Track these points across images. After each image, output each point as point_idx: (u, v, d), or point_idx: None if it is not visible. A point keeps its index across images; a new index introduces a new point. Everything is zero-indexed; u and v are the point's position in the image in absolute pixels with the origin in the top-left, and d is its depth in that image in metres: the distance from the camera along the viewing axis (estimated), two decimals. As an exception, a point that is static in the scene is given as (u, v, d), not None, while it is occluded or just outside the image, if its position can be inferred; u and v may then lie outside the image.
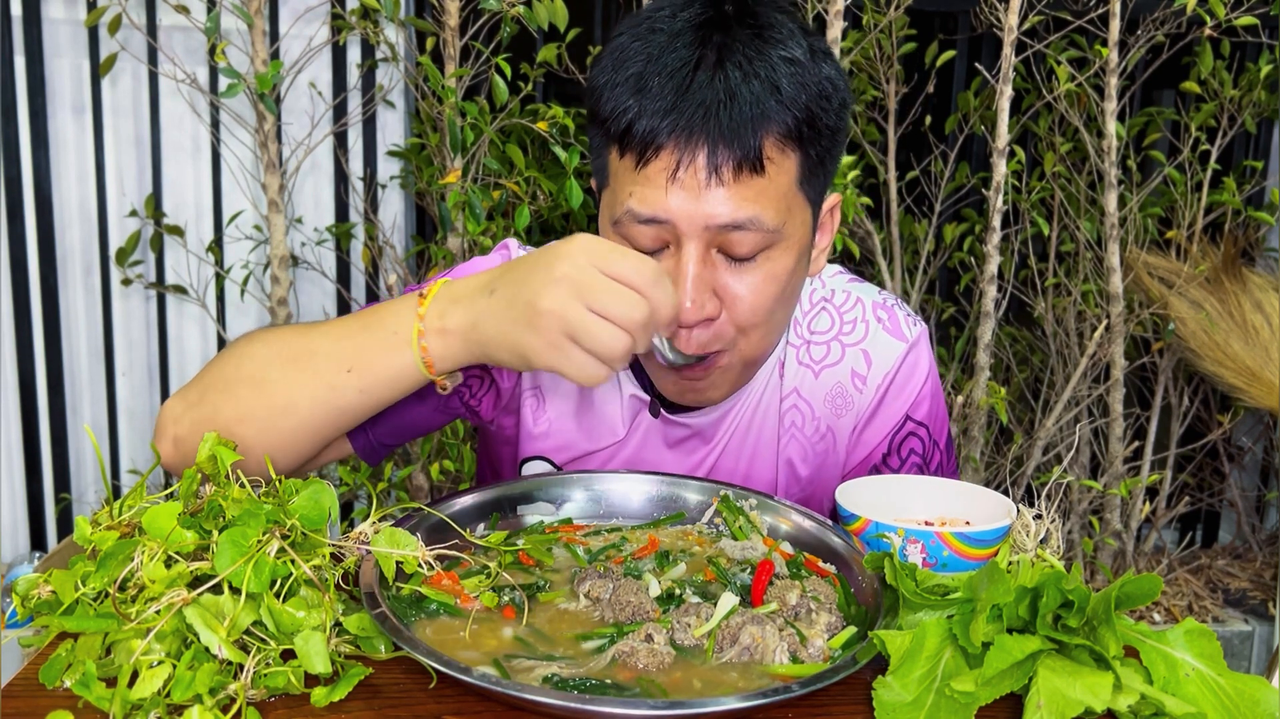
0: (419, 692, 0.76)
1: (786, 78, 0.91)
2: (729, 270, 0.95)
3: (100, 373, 2.52)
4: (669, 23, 0.94)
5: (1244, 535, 2.99)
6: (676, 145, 0.90)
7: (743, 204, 0.91)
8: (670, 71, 0.90)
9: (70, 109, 2.42)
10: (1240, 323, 2.45)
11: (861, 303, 1.16)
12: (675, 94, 0.89)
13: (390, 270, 2.40)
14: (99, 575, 0.78)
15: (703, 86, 0.89)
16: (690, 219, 0.91)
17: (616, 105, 0.92)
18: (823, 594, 0.87)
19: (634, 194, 0.92)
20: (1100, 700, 0.69)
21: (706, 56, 0.91)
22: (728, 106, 0.89)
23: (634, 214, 0.93)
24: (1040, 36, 2.35)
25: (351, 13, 2.26)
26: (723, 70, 0.90)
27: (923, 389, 1.15)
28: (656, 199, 0.91)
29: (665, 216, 0.92)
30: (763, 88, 0.90)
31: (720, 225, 0.92)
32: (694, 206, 0.91)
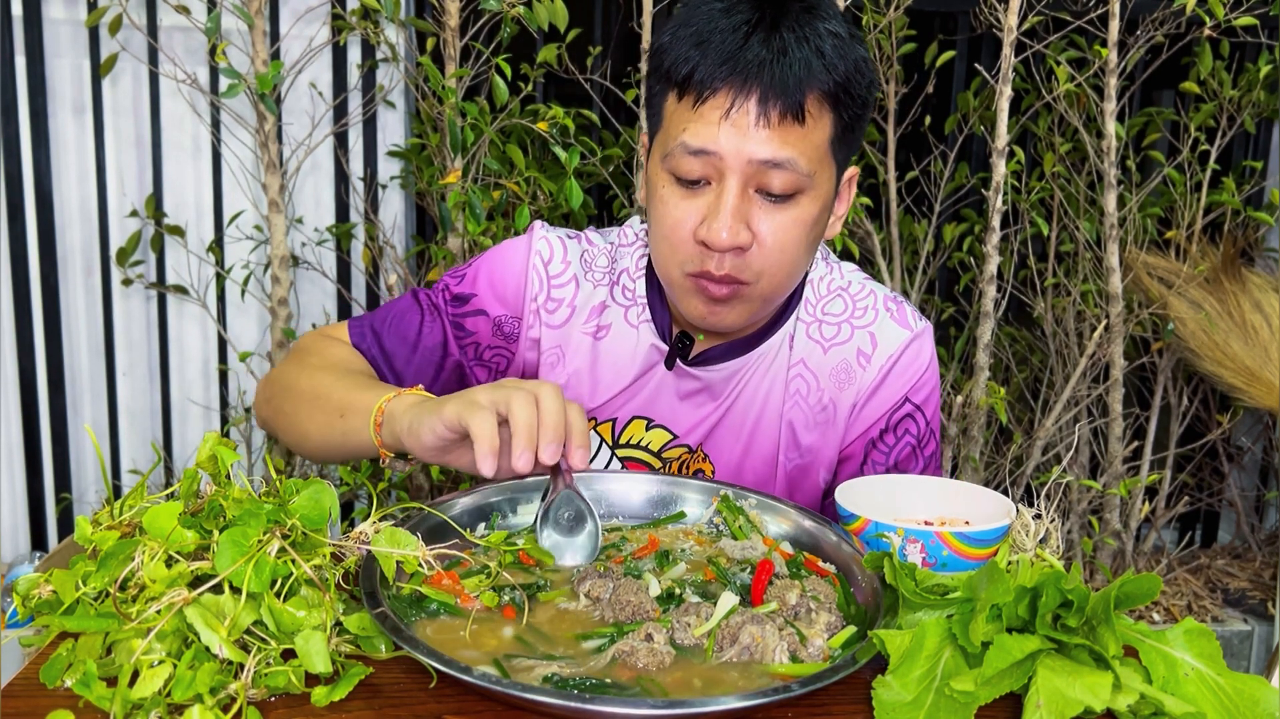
0: (419, 691, 0.76)
1: (830, 46, 1.04)
2: (762, 209, 1.07)
3: (101, 372, 2.52)
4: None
5: (1243, 535, 2.99)
6: (731, 89, 1.02)
7: (783, 146, 1.03)
8: (730, 29, 1.03)
9: (71, 109, 2.42)
10: (1240, 323, 2.45)
11: (874, 294, 1.27)
12: (735, 47, 1.02)
13: (390, 270, 2.40)
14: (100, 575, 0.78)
15: (758, 44, 1.02)
16: (737, 153, 1.03)
17: (679, 55, 1.05)
18: (822, 594, 0.88)
19: (688, 129, 1.05)
20: (1100, 700, 0.70)
21: (763, 20, 1.04)
22: (780, 61, 1.02)
23: (686, 145, 1.05)
24: (1040, 37, 2.35)
25: (352, 13, 2.26)
26: (777, 32, 1.03)
27: (924, 376, 1.25)
28: (709, 133, 1.04)
29: (714, 149, 1.04)
30: (810, 51, 1.03)
31: (761, 161, 1.04)
32: (740, 143, 1.03)
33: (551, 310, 1.24)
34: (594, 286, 1.24)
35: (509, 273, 1.25)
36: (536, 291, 1.24)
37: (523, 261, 1.24)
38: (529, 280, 1.24)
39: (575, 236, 1.27)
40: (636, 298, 1.24)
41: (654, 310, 1.23)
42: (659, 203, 1.10)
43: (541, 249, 1.24)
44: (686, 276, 1.11)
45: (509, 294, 1.24)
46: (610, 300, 1.25)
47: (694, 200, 1.07)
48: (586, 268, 1.25)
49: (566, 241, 1.26)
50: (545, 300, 1.24)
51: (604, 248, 1.27)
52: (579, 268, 1.25)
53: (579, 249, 1.26)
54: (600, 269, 1.25)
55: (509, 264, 1.25)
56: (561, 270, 1.24)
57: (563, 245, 1.25)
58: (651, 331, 1.23)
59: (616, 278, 1.25)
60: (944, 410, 2.44)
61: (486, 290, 1.25)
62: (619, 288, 1.25)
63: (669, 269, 1.13)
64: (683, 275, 1.11)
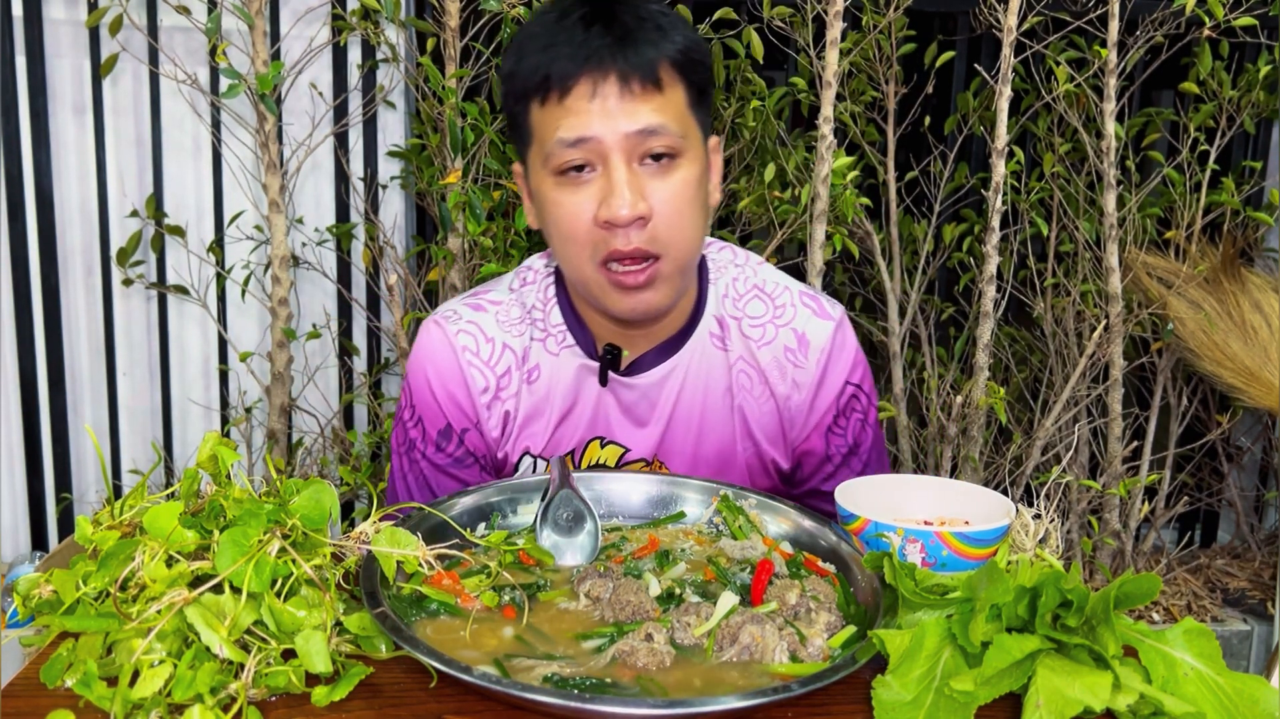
0: (419, 691, 0.76)
1: (665, 22, 1.12)
2: (650, 179, 1.11)
3: (101, 373, 2.52)
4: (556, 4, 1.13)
5: (1243, 535, 2.99)
6: (589, 75, 1.08)
7: (652, 113, 1.09)
8: (571, 27, 1.09)
9: (71, 109, 2.42)
10: (1239, 323, 2.45)
11: (789, 290, 1.30)
12: (580, 39, 1.08)
13: (391, 270, 2.40)
14: (100, 575, 0.78)
15: (601, 31, 1.08)
16: (613, 130, 1.08)
17: (531, 67, 1.10)
18: (822, 594, 0.88)
19: (561, 125, 1.09)
20: (1099, 700, 0.70)
21: (598, 13, 1.10)
22: (626, 39, 1.08)
23: (563, 140, 1.09)
24: (1039, 37, 2.35)
25: (352, 13, 2.26)
26: (616, 18, 1.09)
27: (855, 357, 1.30)
28: (581, 122, 1.08)
29: (589, 134, 1.08)
30: (650, 26, 1.10)
31: (636, 132, 1.08)
32: (612, 122, 1.08)
33: (504, 387, 1.25)
34: (518, 338, 1.26)
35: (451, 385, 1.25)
36: (483, 386, 1.25)
37: (455, 368, 1.24)
38: (470, 380, 1.24)
39: (479, 307, 1.27)
40: (551, 327, 1.26)
41: (574, 333, 1.25)
42: (552, 206, 1.13)
43: (466, 344, 1.24)
44: (599, 269, 1.13)
45: (465, 406, 1.25)
46: (532, 341, 1.26)
47: (584, 190, 1.11)
48: (506, 328, 1.26)
49: (477, 318, 1.26)
50: (494, 387, 1.25)
51: (509, 299, 1.28)
52: (500, 332, 1.25)
53: (491, 316, 1.27)
54: (515, 319, 1.27)
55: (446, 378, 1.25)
56: (490, 350, 1.25)
57: (477, 328, 1.25)
58: (576, 354, 1.25)
59: (530, 318, 1.26)
60: (944, 410, 2.44)
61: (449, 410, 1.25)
62: (534, 326, 1.26)
63: (581, 267, 1.15)
64: (595, 269, 1.13)
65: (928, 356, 2.66)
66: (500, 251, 2.21)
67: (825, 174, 2.18)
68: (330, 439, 2.47)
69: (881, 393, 2.71)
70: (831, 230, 2.26)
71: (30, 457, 2.50)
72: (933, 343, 2.68)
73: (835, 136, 2.20)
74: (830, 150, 2.18)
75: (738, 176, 2.45)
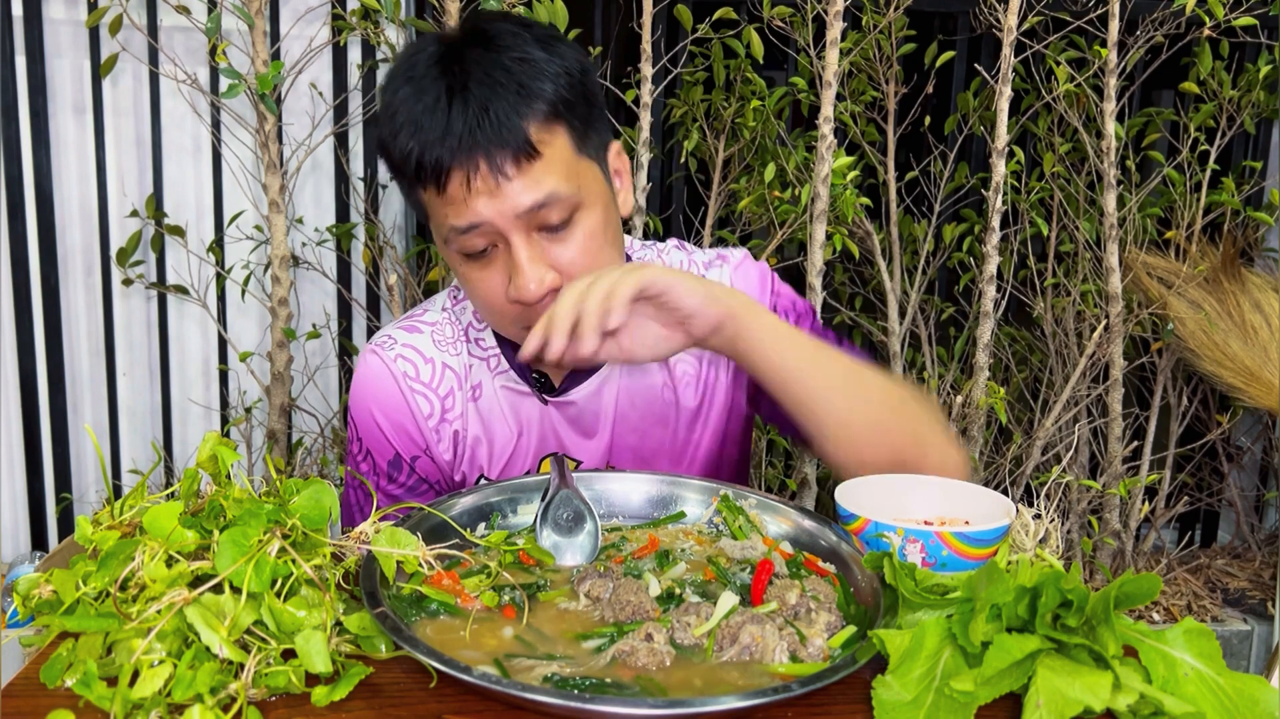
0: (419, 691, 0.76)
1: (525, 75, 1.04)
2: (552, 243, 1.08)
3: (101, 372, 2.53)
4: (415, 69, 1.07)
5: (1243, 535, 2.99)
6: (460, 164, 1.03)
7: (535, 186, 1.04)
8: (431, 106, 1.03)
9: (71, 109, 2.42)
10: (1239, 323, 2.45)
11: (695, 263, 1.27)
12: (442, 122, 1.02)
13: (391, 270, 2.40)
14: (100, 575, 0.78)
15: (458, 113, 1.02)
16: (501, 215, 1.04)
17: (401, 151, 1.05)
18: (822, 594, 0.88)
19: (448, 213, 1.06)
20: (1099, 700, 0.70)
21: (454, 84, 1.04)
22: (485, 118, 1.02)
23: (455, 228, 1.06)
24: (1039, 37, 2.35)
25: (352, 13, 2.26)
26: (470, 90, 1.03)
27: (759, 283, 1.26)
28: (466, 211, 1.04)
29: (479, 220, 1.05)
30: (508, 91, 1.03)
31: (526, 209, 1.04)
32: (498, 205, 1.04)
33: (450, 408, 1.23)
34: (456, 356, 1.24)
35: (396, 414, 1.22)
36: (428, 412, 1.23)
37: (398, 396, 1.22)
38: (414, 406, 1.22)
39: (413, 328, 1.25)
40: (487, 348, 1.24)
41: (507, 358, 1.24)
42: (465, 281, 1.12)
43: (405, 369, 1.22)
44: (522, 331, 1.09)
45: (412, 433, 1.23)
46: (470, 359, 1.24)
47: (492, 268, 1.08)
48: (443, 348, 1.24)
49: (414, 340, 1.24)
50: (439, 410, 1.23)
51: (443, 318, 1.26)
52: (438, 352, 1.24)
53: (426, 336, 1.24)
54: (451, 338, 1.25)
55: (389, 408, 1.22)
56: (431, 372, 1.23)
57: (415, 350, 1.23)
58: (512, 378, 1.24)
59: (466, 335, 1.25)
60: (944, 410, 2.44)
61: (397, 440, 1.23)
62: (472, 344, 1.25)
63: (506, 329, 1.15)
64: (521, 331, 1.10)
65: (928, 357, 2.66)
66: (500, 251, 2.21)
67: (825, 174, 2.18)
68: (330, 439, 2.48)
69: (881, 393, 2.70)
70: (831, 230, 2.26)
71: (30, 457, 2.50)
72: (933, 343, 2.69)
73: (835, 136, 2.20)
74: (830, 150, 2.18)
75: (738, 177, 2.45)
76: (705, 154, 2.47)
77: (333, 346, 2.55)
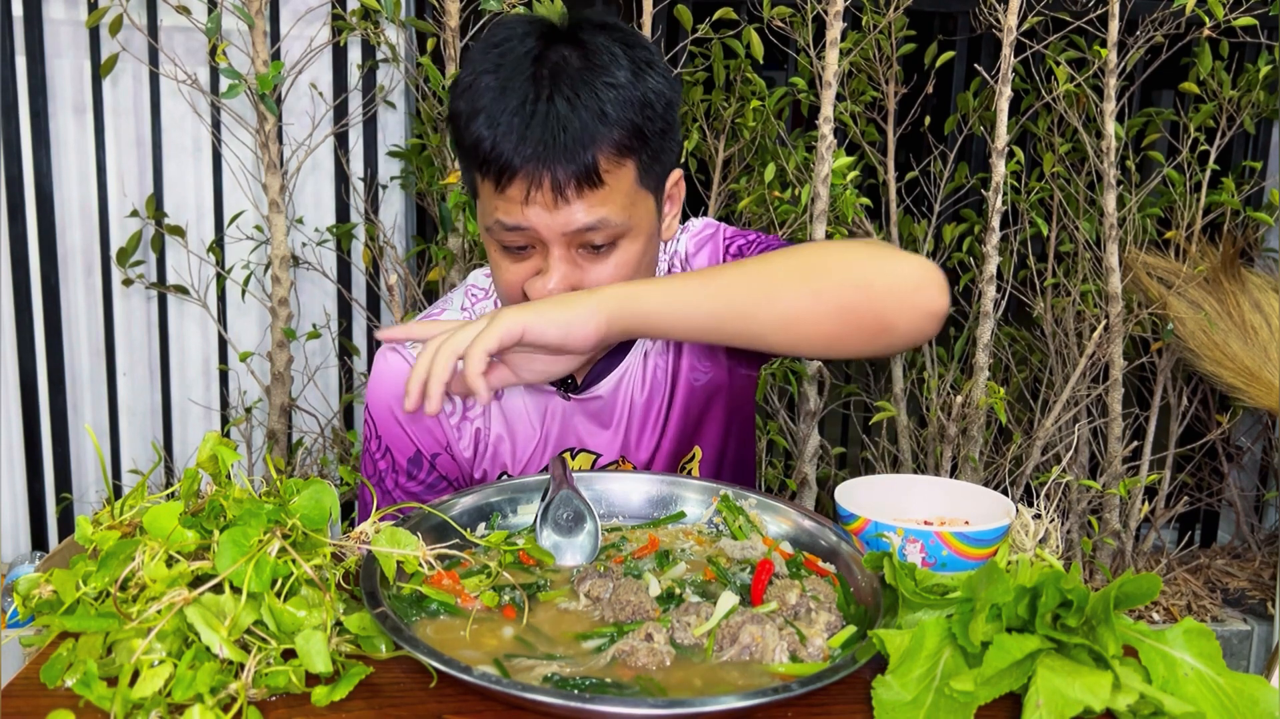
0: (419, 691, 0.76)
1: (610, 102, 1.04)
2: (589, 261, 1.08)
3: (101, 373, 2.53)
4: (506, 59, 1.06)
5: (1243, 535, 2.99)
6: (526, 173, 1.03)
7: (590, 211, 1.04)
8: (514, 108, 1.03)
9: (71, 109, 2.42)
10: (1239, 323, 2.45)
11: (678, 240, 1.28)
12: (521, 127, 1.02)
13: (391, 270, 2.40)
14: (100, 575, 0.78)
15: (539, 123, 1.02)
16: (548, 228, 1.05)
17: (475, 137, 1.05)
18: (822, 594, 0.88)
19: (498, 208, 1.06)
20: (1099, 700, 0.70)
21: (541, 91, 1.03)
22: (561, 136, 1.02)
23: (501, 224, 1.06)
24: (1039, 37, 2.35)
25: (352, 13, 2.26)
26: (554, 104, 1.03)
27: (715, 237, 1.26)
28: (517, 213, 1.05)
29: (526, 225, 1.05)
30: (591, 115, 1.03)
31: (575, 230, 1.05)
32: (550, 219, 1.04)
33: (470, 405, 1.24)
34: None
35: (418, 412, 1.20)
36: (449, 409, 1.23)
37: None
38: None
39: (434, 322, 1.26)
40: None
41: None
42: (493, 266, 1.13)
43: None
44: None
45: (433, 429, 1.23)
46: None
47: (524, 262, 1.09)
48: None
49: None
50: (460, 406, 1.23)
51: (462, 317, 1.26)
52: None
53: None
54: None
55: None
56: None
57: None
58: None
59: None
60: (944, 410, 2.44)
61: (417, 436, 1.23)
62: None
63: None
64: None
65: (928, 357, 2.66)
66: (500, 251, 2.21)
67: (825, 174, 2.18)
68: (330, 439, 2.48)
69: (881, 393, 2.71)
70: (831, 230, 2.26)
71: (30, 457, 2.50)
72: (933, 342, 2.69)
73: (835, 136, 2.20)
74: (830, 150, 2.18)
75: (738, 177, 2.45)
76: (705, 154, 2.47)
77: (333, 347, 2.55)
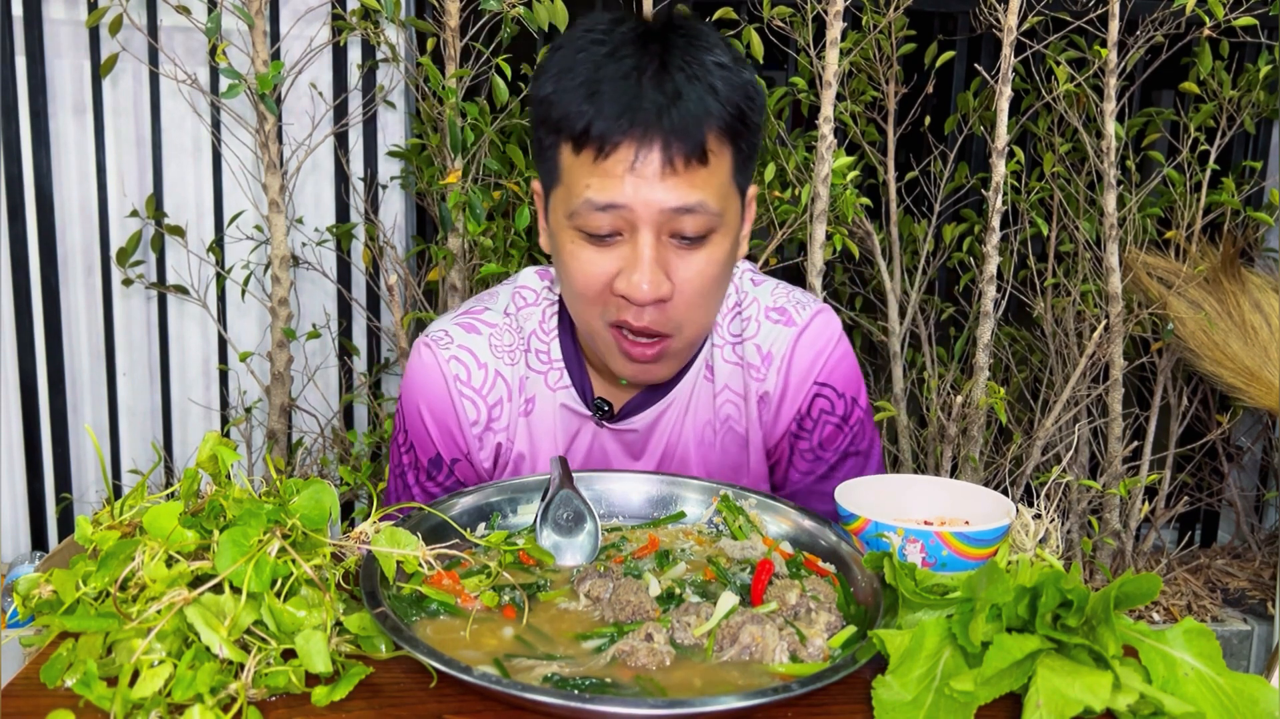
0: (419, 691, 0.76)
1: (720, 79, 1.02)
2: (678, 255, 1.04)
3: (101, 373, 2.52)
4: (608, 36, 1.03)
5: (1243, 535, 2.99)
6: (633, 141, 0.99)
7: (692, 191, 1.01)
8: (620, 77, 1.00)
9: (71, 109, 2.42)
10: (1239, 323, 2.45)
11: (757, 302, 1.24)
12: (629, 96, 0.99)
13: (391, 270, 2.40)
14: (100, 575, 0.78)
15: (652, 89, 0.99)
16: (646, 204, 1.01)
17: (571, 109, 1.01)
18: (822, 594, 0.88)
19: (591, 185, 1.01)
20: (1099, 700, 0.70)
21: (650, 63, 1.01)
22: (676, 105, 0.99)
23: (592, 203, 1.01)
24: (1039, 37, 2.35)
25: (352, 13, 2.26)
26: (667, 73, 1.00)
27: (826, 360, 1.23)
28: (615, 188, 1.00)
29: (623, 202, 1.01)
30: (704, 89, 1.01)
31: (673, 209, 1.01)
32: (649, 194, 1.00)
33: (496, 418, 1.21)
34: (511, 366, 1.21)
35: (442, 415, 1.20)
36: (474, 418, 1.20)
37: (446, 398, 1.20)
38: (460, 410, 1.20)
39: (472, 327, 1.22)
40: (552, 360, 1.21)
41: (571, 374, 1.21)
42: (569, 258, 1.06)
43: (457, 372, 1.19)
44: (609, 328, 1.08)
45: (456, 437, 1.21)
46: (528, 370, 1.21)
47: (607, 253, 1.04)
48: (499, 355, 1.21)
49: (470, 342, 1.21)
50: (485, 419, 1.21)
51: (504, 323, 1.22)
52: (493, 359, 1.20)
53: (484, 339, 1.21)
54: (509, 345, 1.21)
55: (436, 408, 1.20)
56: (483, 378, 1.20)
57: (470, 353, 1.20)
58: (572, 397, 1.21)
59: (527, 345, 1.21)
60: (944, 410, 2.44)
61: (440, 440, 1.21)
62: (531, 354, 1.21)
63: (590, 321, 1.10)
64: (604, 327, 1.08)
65: (928, 356, 2.66)
66: (500, 252, 2.21)
67: (825, 174, 2.18)
68: (330, 439, 2.47)
69: (881, 393, 2.71)
70: (831, 230, 2.26)
71: (30, 457, 2.50)
72: (933, 343, 2.69)
73: (835, 136, 2.20)
74: (830, 150, 2.18)
75: (738, 176, 2.45)
76: (705, 154, 2.46)
77: (333, 347, 2.55)
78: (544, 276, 1.25)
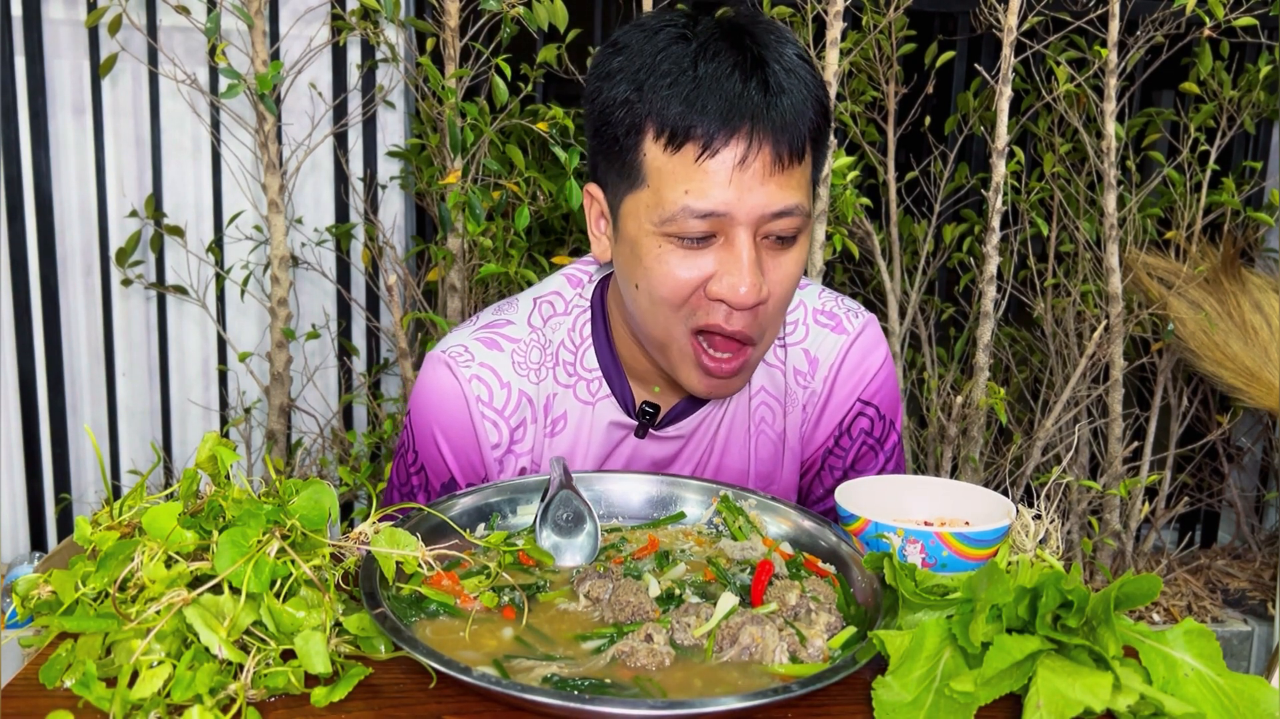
0: (419, 692, 0.76)
1: (809, 74, 1.00)
2: (770, 257, 1.01)
3: (100, 373, 2.52)
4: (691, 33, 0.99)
5: (1243, 536, 2.99)
6: (740, 141, 0.95)
7: (791, 192, 0.98)
8: (719, 75, 0.95)
9: (71, 109, 2.42)
10: (1239, 323, 2.45)
11: (804, 305, 1.21)
12: (733, 94, 0.95)
13: (390, 271, 2.40)
14: (99, 575, 0.78)
15: (755, 87, 0.95)
16: (750, 209, 0.97)
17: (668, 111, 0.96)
18: (822, 594, 0.88)
19: (690, 190, 0.97)
20: (1099, 700, 0.70)
21: (748, 57, 0.96)
22: (779, 102, 0.96)
23: (691, 210, 0.97)
24: (1040, 37, 2.35)
25: (352, 13, 2.26)
26: (769, 69, 0.96)
27: (874, 375, 1.21)
28: (719, 193, 0.96)
29: (724, 209, 0.97)
30: (799, 82, 0.98)
31: (773, 213, 0.98)
32: (752, 197, 0.97)
33: (518, 440, 1.15)
34: (537, 384, 1.14)
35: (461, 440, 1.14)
36: (495, 440, 1.14)
37: (466, 421, 1.13)
38: (481, 433, 1.13)
39: (493, 343, 1.14)
40: (584, 370, 1.15)
41: (610, 383, 1.15)
42: (655, 263, 1.00)
43: (479, 393, 1.12)
44: (690, 336, 1.03)
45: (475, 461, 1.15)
46: (556, 387, 1.15)
47: (699, 256, 0.99)
48: (523, 371, 1.14)
49: (492, 359, 1.14)
50: (506, 441, 1.14)
51: (530, 338, 1.15)
52: (516, 376, 1.14)
53: (507, 356, 1.14)
54: (534, 363, 1.15)
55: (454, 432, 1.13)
56: (506, 398, 1.13)
57: (492, 371, 1.13)
58: (613, 406, 1.16)
59: (555, 359, 1.15)
60: (944, 411, 2.44)
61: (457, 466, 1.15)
62: (560, 368, 1.15)
63: (669, 328, 1.04)
64: (685, 334, 1.03)
65: (928, 357, 2.66)
66: (500, 252, 2.21)
67: (825, 174, 2.18)
68: (329, 439, 2.47)
69: (881, 393, 2.70)
70: (831, 230, 2.26)
71: (30, 457, 2.49)
72: (933, 343, 2.68)
73: (835, 136, 2.20)
74: (830, 150, 2.18)
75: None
76: (705, 154, 2.46)
77: (332, 347, 2.55)
78: (576, 284, 1.18)
